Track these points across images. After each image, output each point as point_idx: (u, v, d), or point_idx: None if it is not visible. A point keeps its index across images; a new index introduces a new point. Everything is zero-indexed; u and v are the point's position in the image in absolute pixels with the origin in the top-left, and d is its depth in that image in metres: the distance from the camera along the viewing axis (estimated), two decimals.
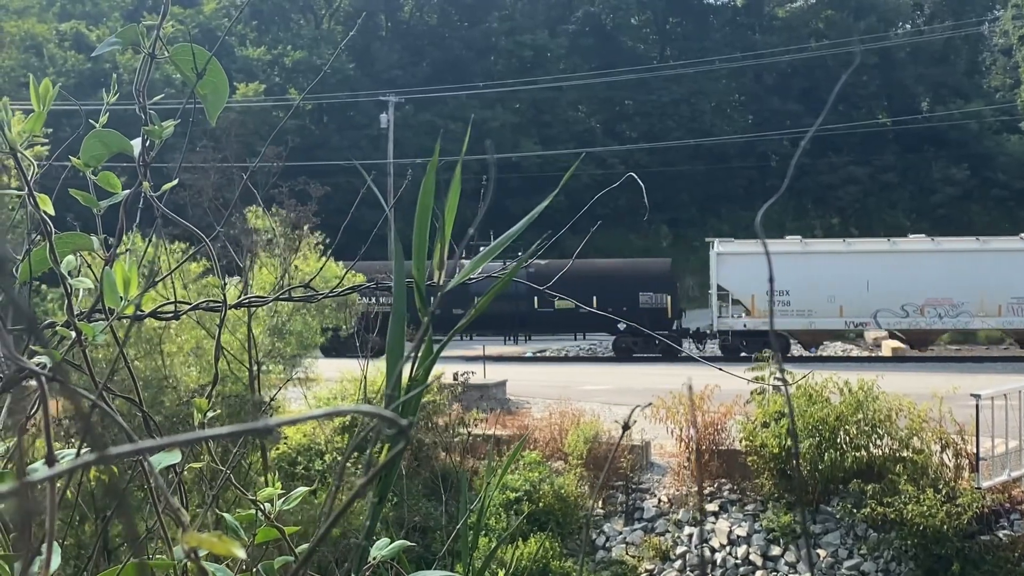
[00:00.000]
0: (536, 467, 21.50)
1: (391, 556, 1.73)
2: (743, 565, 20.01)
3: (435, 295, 1.37)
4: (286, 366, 20.52)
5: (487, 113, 62.72)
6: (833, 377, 20.97)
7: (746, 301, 38.48)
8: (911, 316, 37.65)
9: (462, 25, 70.00)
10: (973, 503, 18.21)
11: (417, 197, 1.60)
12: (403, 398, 1.23)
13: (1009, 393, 19.57)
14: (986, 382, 24.03)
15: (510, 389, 28.83)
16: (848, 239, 41.31)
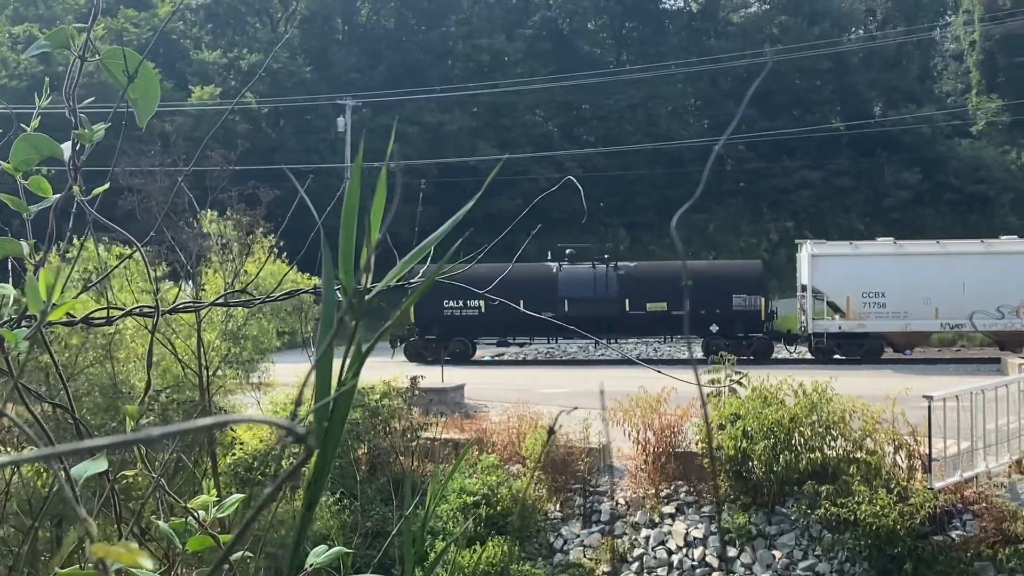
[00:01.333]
0: (494, 470, 21.49)
1: (328, 563, 1.72)
2: (700, 567, 20.09)
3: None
4: (242, 371, 20.39)
5: (445, 117, 62.67)
6: (788, 379, 21.13)
7: (841, 303, 38.18)
8: (1007, 317, 37.46)
9: (419, 29, 69.89)
10: (926, 503, 18.38)
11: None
12: (318, 404, 1.22)
13: (961, 394, 19.79)
14: (939, 383, 24.31)
15: (468, 393, 28.81)
16: (941, 240, 40.91)
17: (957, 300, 37.22)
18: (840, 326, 37.78)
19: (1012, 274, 37.07)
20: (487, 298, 2.61)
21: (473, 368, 37.38)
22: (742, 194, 68.52)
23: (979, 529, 18.27)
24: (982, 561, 17.98)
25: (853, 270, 37.77)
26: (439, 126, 61.84)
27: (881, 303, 37.62)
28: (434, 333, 39.75)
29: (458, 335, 39.63)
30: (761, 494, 20.27)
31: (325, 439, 1.17)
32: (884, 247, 39.09)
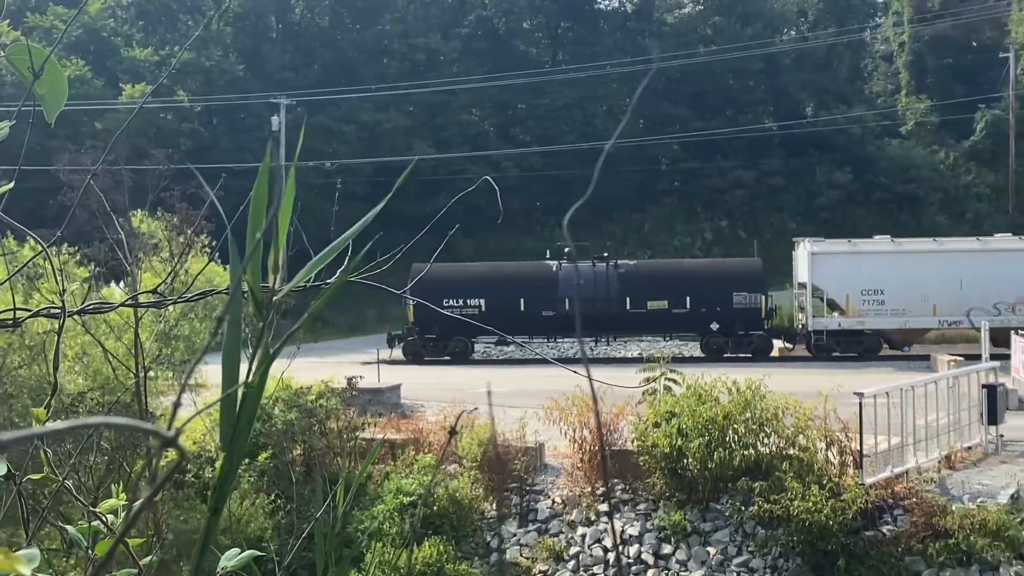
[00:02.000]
0: (430, 470, 21.43)
1: (240, 566, 1.69)
2: (635, 564, 20.19)
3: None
4: (175, 372, 20.15)
5: (380, 116, 62.38)
6: (722, 377, 21.29)
7: (840, 300, 38.47)
8: (1003, 314, 37.59)
9: (354, 27, 69.53)
10: (857, 499, 18.61)
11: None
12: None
13: (891, 391, 20.07)
14: (870, 380, 24.64)
15: (405, 393, 28.72)
16: (938, 238, 41.31)
17: (955, 297, 37.66)
18: (840, 323, 38.14)
19: (1008, 272, 37.59)
20: (407, 298, 2.59)
21: (433, 368, 37.27)
22: (677, 194, 68.99)
23: (909, 524, 18.54)
24: (912, 556, 18.24)
25: (853, 268, 38.14)
26: (374, 125, 61.55)
27: (880, 300, 38.01)
28: (434, 332, 39.61)
29: (457, 334, 39.45)
30: (696, 491, 20.41)
31: (231, 442, 1.15)
32: (883, 245, 39.50)
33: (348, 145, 59.82)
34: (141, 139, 47.41)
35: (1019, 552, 17.75)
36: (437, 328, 39.29)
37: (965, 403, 21.80)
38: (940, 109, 70.80)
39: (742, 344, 38.62)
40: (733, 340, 38.72)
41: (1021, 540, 17.77)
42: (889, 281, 37.87)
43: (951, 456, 20.81)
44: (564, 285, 39.57)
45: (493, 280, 40.43)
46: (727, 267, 42.23)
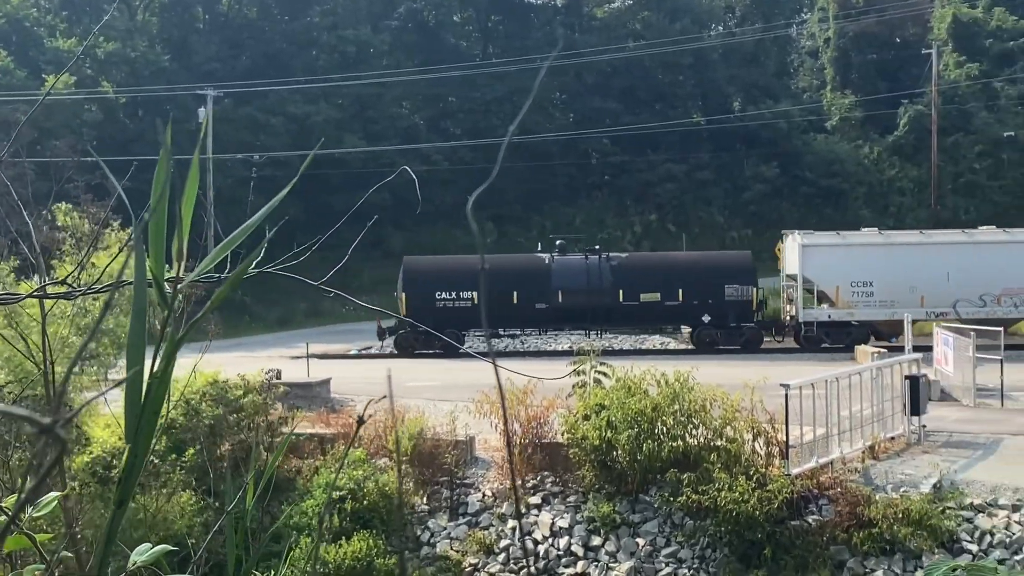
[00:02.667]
0: (360, 465, 21.35)
1: (151, 562, 1.67)
2: (565, 556, 20.28)
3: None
4: (99, 366, 19.86)
5: (310, 108, 61.89)
6: (652, 369, 21.43)
7: (830, 292, 38.69)
8: (988, 305, 38.19)
9: (282, 19, 68.89)
10: (783, 489, 18.84)
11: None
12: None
13: (816, 383, 20.34)
14: (795, 372, 24.95)
15: (335, 387, 28.57)
16: (925, 230, 41.75)
17: (942, 289, 38.07)
18: (829, 315, 38.47)
19: (993, 263, 38.10)
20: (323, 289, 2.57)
21: (342, 362, 37.07)
22: (607, 187, 69.30)
23: (834, 514, 18.80)
24: (837, 545, 18.51)
25: (843, 260, 38.51)
26: (304, 118, 61.05)
27: (869, 292, 38.38)
28: (427, 325, 39.39)
29: (450, 327, 38.93)
30: (625, 483, 20.55)
31: (135, 434, 1.14)
32: (872, 237, 39.97)
33: (277, 137, 59.28)
34: (63, 131, 46.66)
35: (941, 541, 18.07)
36: (431, 320, 39.17)
37: (889, 394, 22.15)
38: (864, 104, 71.83)
39: (733, 336, 38.89)
40: (724, 332, 38.99)
41: (943, 529, 18.09)
42: (878, 273, 38.30)
43: (875, 446, 21.16)
44: (557, 278, 39.67)
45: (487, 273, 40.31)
46: (719, 260, 42.67)
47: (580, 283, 39.36)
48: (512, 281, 39.09)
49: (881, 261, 38.37)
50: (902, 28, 76.37)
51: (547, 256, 40.54)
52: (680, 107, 71.65)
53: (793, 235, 40.48)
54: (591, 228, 65.98)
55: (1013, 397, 27.01)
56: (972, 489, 18.97)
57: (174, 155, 7.46)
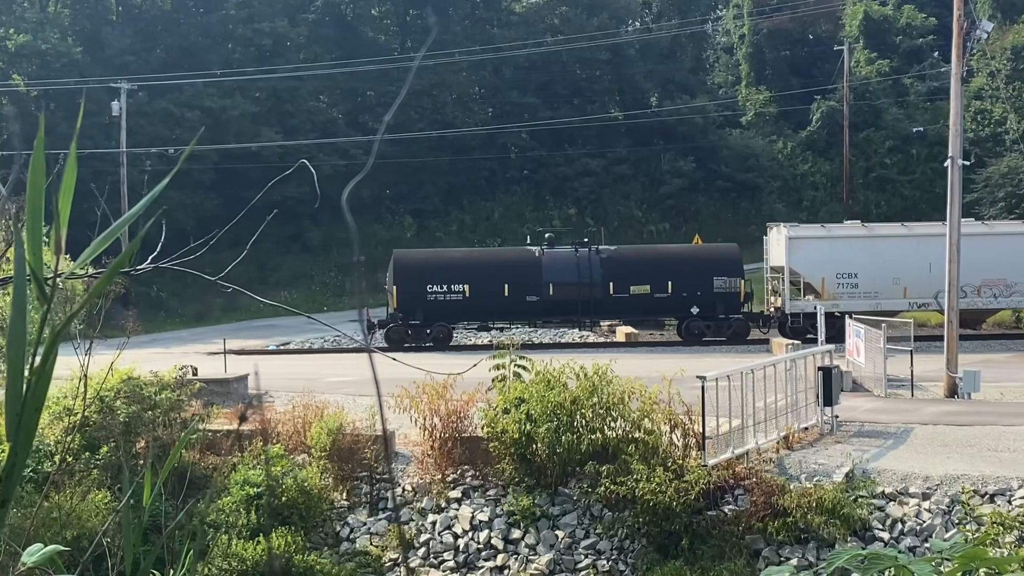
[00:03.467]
0: (279, 461, 21.23)
1: (42, 562, 1.68)
2: (485, 549, 20.36)
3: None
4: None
5: (226, 102, 61.18)
6: (571, 363, 21.56)
7: (816, 284, 39.03)
8: (969, 296, 38.28)
9: (198, 12, 67.97)
10: (700, 480, 19.09)
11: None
12: None
13: (732, 375, 20.65)
14: (712, 364, 25.31)
15: (253, 383, 28.33)
16: (906, 223, 42.20)
17: (924, 280, 38.39)
18: (815, 306, 38.67)
19: (973, 255, 38.34)
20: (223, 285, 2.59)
21: (260, 357, 36.76)
22: (526, 182, 69.49)
23: (750, 504, 19.10)
24: (753, 534, 18.80)
25: (828, 252, 39.00)
26: (220, 111, 60.32)
27: (854, 284, 38.87)
28: (418, 318, 39.27)
29: (440, 320, 39.25)
30: (545, 476, 20.67)
31: (16, 432, 1.15)
32: (856, 230, 40.53)
33: (192, 131, 58.51)
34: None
35: (854, 530, 18.43)
36: (421, 314, 39.13)
37: (802, 385, 22.55)
38: (778, 100, 72.88)
39: (722, 328, 39.20)
40: (713, 324, 39.25)
41: (855, 518, 18.45)
42: (862, 265, 38.86)
43: (789, 437, 21.51)
44: (548, 271, 39.77)
45: (477, 266, 40.70)
46: (707, 252, 43.08)
47: (571, 276, 39.60)
48: (503, 274, 39.37)
49: (865, 253, 39.06)
50: (815, 25, 77.60)
51: (537, 249, 40.81)
52: (598, 102, 72.01)
53: (778, 227, 41.14)
54: (510, 222, 66.13)
55: (923, 387, 27.68)
56: (883, 478, 19.37)
57: (87, 148, 7.42)
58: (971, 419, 23.12)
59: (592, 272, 39.63)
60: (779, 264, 39.77)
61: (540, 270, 39.69)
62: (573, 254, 40.19)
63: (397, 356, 2.63)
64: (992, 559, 2.52)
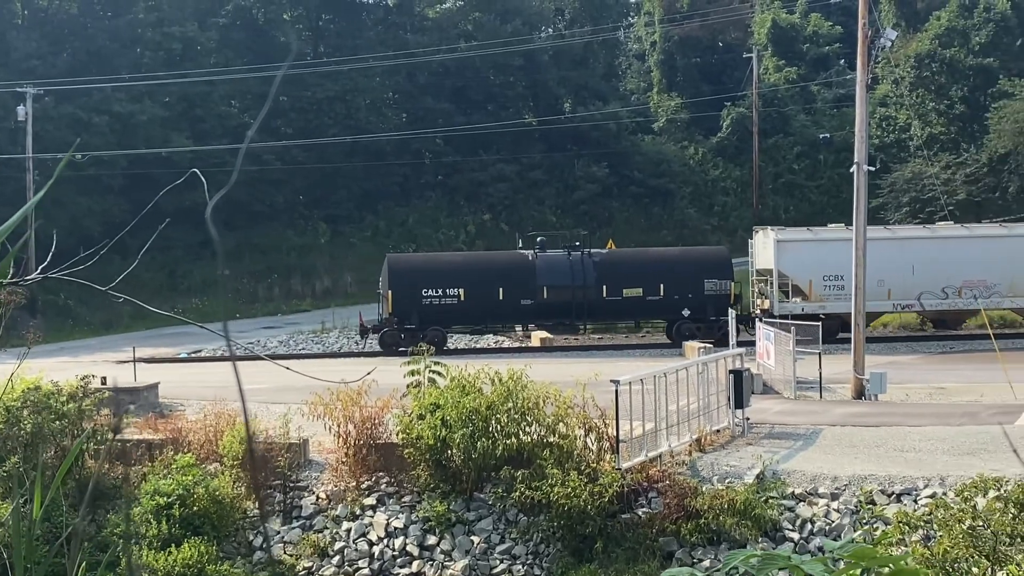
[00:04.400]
0: (190, 470, 20.96)
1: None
2: (400, 556, 20.31)
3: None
4: None
5: (135, 107, 60.21)
6: (486, 368, 21.61)
7: (804, 286, 39.57)
8: (950, 297, 39.59)
9: (105, 15, 66.80)
10: (614, 483, 19.25)
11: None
12: None
13: (645, 378, 20.84)
14: (626, 368, 25.50)
15: (164, 391, 27.98)
16: (889, 226, 42.86)
17: (907, 282, 39.44)
18: (803, 308, 39.16)
19: (953, 257, 39.61)
20: (111, 294, 2.58)
21: (171, 366, 36.26)
22: (440, 187, 69.41)
23: (663, 506, 19.29)
24: (666, 536, 18.99)
25: (815, 254, 39.54)
26: (128, 116, 59.35)
27: (840, 286, 38.88)
28: (413, 322, 39.07)
29: (435, 324, 39.07)
30: (460, 481, 20.68)
31: None
32: (841, 233, 40.58)
33: (101, 136, 57.52)
34: None
35: (764, 530, 18.71)
36: (416, 318, 39.08)
37: (714, 388, 22.84)
38: (689, 106, 73.69)
39: (712, 330, 39.23)
40: (704, 326, 39.45)
41: (766, 519, 18.73)
42: (849, 267, 39.14)
43: (701, 439, 21.76)
44: (542, 274, 39.91)
45: (472, 270, 40.92)
46: (697, 255, 43.57)
47: (564, 279, 39.88)
48: (497, 278, 39.62)
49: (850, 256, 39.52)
50: (724, 33, 78.70)
51: (530, 252, 41.09)
52: (512, 108, 72.22)
53: (766, 231, 41.91)
54: (424, 228, 66.03)
55: (831, 389, 28.18)
56: (793, 479, 19.69)
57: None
58: (878, 420, 23.62)
59: (586, 275, 40.06)
60: (767, 267, 40.60)
61: (534, 273, 40.05)
62: (566, 257, 40.67)
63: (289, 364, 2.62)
64: (881, 557, 2.59)
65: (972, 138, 60.91)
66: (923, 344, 39.51)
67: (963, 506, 14.98)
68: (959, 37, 62.77)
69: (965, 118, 62.20)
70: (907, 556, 2.73)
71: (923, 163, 55.04)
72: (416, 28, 74.20)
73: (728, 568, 2.57)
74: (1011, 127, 55.98)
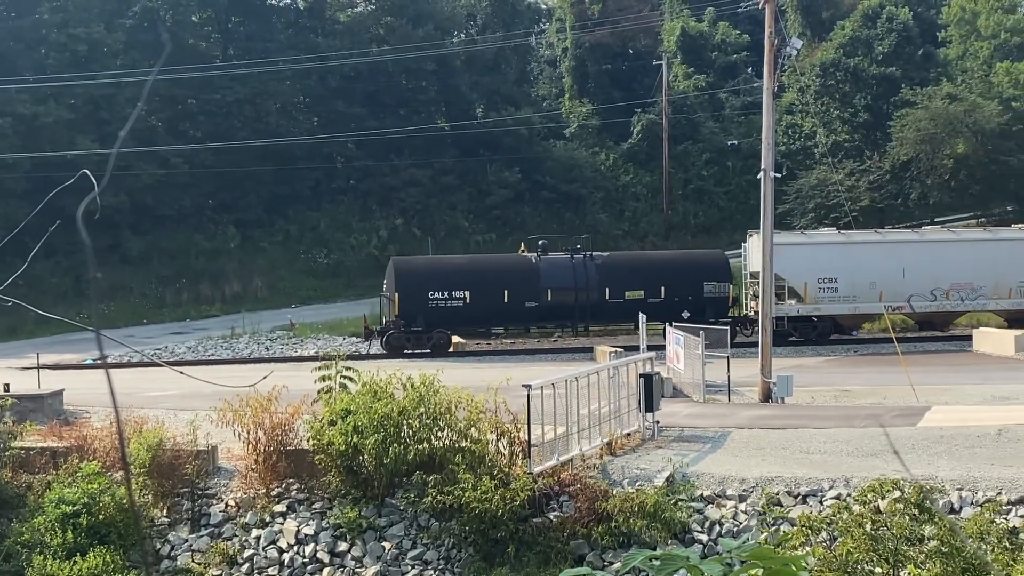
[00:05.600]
0: (96, 478, 20.60)
1: None
2: (311, 563, 20.17)
3: None
4: None
5: (39, 108, 59.04)
6: (397, 373, 21.56)
7: (799, 288, 40.33)
8: (939, 300, 40.77)
9: (9, 16, 65.35)
10: (526, 487, 19.31)
11: None
12: None
13: (557, 382, 20.95)
14: (539, 372, 25.64)
15: (69, 398, 27.48)
16: (880, 230, 43.90)
17: (897, 284, 40.52)
18: (799, 310, 39.97)
19: (942, 260, 40.72)
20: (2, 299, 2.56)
21: (75, 372, 35.56)
22: (352, 191, 69.04)
23: (575, 509, 19.40)
24: (577, 539, 19.10)
25: (810, 258, 40.50)
26: (32, 118, 58.19)
27: (834, 288, 40.48)
28: (419, 325, 39.43)
29: (441, 327, 39.55)
30: (371, 487, 20.61)
31: None
32: (835, 236, 42.27)
33: (4, 139, 56.34)
34: None
35: (674, 532, 18.90)
36: (422, 320, 39.46)
37: (625, 392, 23.03)
38: (601, 112, 74.21)
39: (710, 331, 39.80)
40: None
41: (676, 521, 18.92)
42: (842, 270, 40.60)
43: (612, 443, 21.93)
44: (546, 277, 40.56)
45: (477, 273, 41.34)
46: (697, 258, 44.30)
47: (567, 282, 40.65)
48: (502, 281, 40.29)
49: (844, 259, 40.88)
50: (635, 40, 79.40)
51: (534, 256, 41.71)
52: (424, 112, 72.11)
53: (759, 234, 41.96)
54: (336, 232, 65.63)
55: (740, 392, 28.59)
56: (702, 481, 19.92)
57: None
58: (784, 422, 23.99)
59: (588, 278, 40.86)
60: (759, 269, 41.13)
61: (538, 276, 40.75)
62: (569, 260, 41.44)
63: (183, 370, 2.62)
64: (777, 557, 2.66)
65: (875, 145, 62.23)
66: (828, 348, 40.28)
67: (863, 510, 15.30)
68: (863, 47, 64.07)
69: (868, 126, 63.50)
70: (804, 557, 2.81)
71: (828, 170, 56.07)
72: (327, 32, 73.77)
73: (627, 569, 2.62)
74: (913, 135, 57.32)
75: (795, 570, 2.69)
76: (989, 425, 22.02)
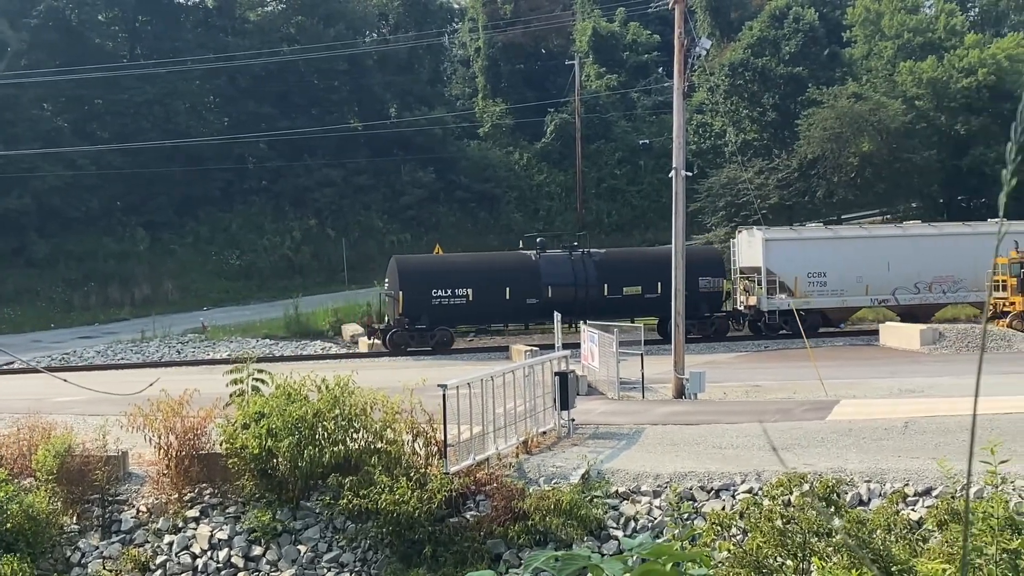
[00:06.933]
0: (2, 486, 20.15)
1: None
2: (225, 568, 19.95)
3: None
4: None
5: None
6: (311, 375, 21.41)
7: (790, 283, 41.15)
8: (922, 292, 42.06)
9: None
10: (442, 488, 19.29)
11: None
12: None
13: (473, 382, 20.97)
14: (456, 372, 25.63)
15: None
16: (864, 224, 45.72)
17: (883, 278, 41.83)
18: (790, 303, 40.08)
19: (925, 254, 41.90)
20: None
21: None
22: (264, 192, 68.38)
23: (491, 509, 19.42)
24: (494, 539, 19.12)
25: (800, 253, 41.55)
26: None
27: (823, 282, 41.59)
28: (424, 322, 39.75)
29: (444, 324, 39.92)
30: (286, 490, 20.43)
31: None
32: (823, 231, 43.63)
33: None
34: None
35: (590, 529, 19.01)
36: (426, 318, 39.77)
37: (540, 390, 23.11)
38: (514, 112, 74.40)
39: (705, 326, 41.07)
40: (697, 322, 40.43)
41: (591, 518, 19.03)
42: (830, 264, 41.68)
43: (528, 441, 22.00)
44: (545, 274, 41.05)
45: (479, 271, 41.74)
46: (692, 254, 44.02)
47: (567, 278, 41.19)
48: (504, 278, 40.75)
49: (832, 254, 42.08)
50: (547, 40, 79.70)
51: (533, 253, 42.23)
52: (336, 112, 71.66)
53: (750, 231, 43.66)
54: (249, 233, 64.96)
55: (653, 389, 28.85)
56: (617, 478, 20.06)
57: None
58: (697, 418, 24.25)
59: (587, 274, 41.46)
60: (752, 264, 42.42)
61: (539, 273, 41.25)
62: (567, 257, 42.08)
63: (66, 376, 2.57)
64: (675, 554, 2.70)
65: (783, 144, 63.11)
66: (740, 344, 40.83)
67: (772, 504, 15.52)
68: (770, 47, 64.90)
69: (776, 125, 64.35)
70: (708, 552, 2.85)
71: (738, 168, 56.75)
72: (237, 31, 72.98)
73: (530, 569, 2.63)
74: (819, 134, 58.23)
75: (692, 567, 2.73)
76: (896, 418, 22.45)
